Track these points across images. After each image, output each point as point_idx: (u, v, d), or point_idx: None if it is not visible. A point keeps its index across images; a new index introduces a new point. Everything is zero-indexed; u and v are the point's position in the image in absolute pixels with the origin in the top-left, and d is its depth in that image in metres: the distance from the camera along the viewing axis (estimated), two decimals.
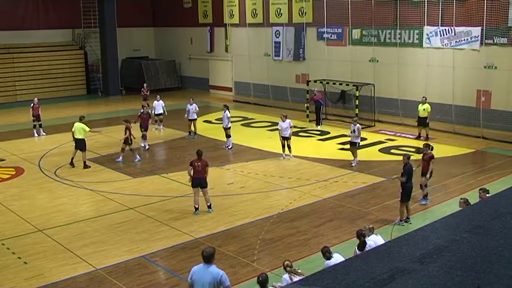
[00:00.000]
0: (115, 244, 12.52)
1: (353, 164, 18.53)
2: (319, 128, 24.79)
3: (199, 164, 14.15)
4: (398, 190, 13.60)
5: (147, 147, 21.40)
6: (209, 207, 14.50)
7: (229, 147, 21.09)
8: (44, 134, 23.94)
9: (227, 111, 21.08)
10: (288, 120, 19.45)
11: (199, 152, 14.41)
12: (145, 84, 30.38)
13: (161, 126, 24.71)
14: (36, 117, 23.80)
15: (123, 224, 13.73)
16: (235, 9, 33.33)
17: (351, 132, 18.72)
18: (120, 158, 19.61)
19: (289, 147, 19.57)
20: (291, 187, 16.49)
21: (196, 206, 14.33)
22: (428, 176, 14.62)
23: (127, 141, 19.40)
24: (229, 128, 21.17)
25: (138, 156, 19.76)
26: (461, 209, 10.02)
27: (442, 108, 23.62)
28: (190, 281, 8.02)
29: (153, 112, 24.07)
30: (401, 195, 13.40)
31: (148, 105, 24.49)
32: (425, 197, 14.84)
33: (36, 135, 23.79)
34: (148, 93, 29.06)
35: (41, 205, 15.28)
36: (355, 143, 18.79)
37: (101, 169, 18.88)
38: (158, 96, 25.46)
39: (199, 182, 14.17)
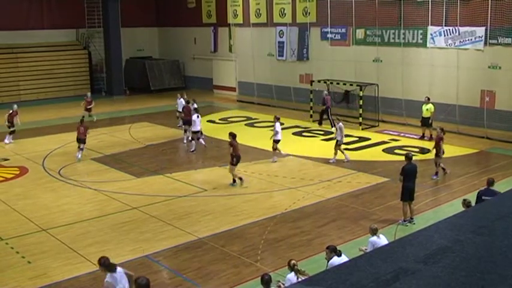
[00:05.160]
0: (118, 244, 12.54)
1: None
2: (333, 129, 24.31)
3: (235, 142, 16.65)
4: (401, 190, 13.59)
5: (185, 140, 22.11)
6: (240, 179, 16.68)
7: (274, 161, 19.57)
8: (12, 141, 22.58)
9: (277, 123, 19.73)
10: (339, 124, 19.11)
11: (233, 133, 16.90)
12: (88, 94, 28.43)
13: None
14: (11, 124, 22.65)
15: (126, 224, 13.75)
16: (239, 9, 33.33)
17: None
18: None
19: (335, 150, 19.01)
20: (295, 187, 16.49)
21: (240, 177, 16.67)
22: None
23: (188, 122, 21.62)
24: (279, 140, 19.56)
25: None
26: (464, 209, 10.00)
27: (446, 109, 23.58)
28: None
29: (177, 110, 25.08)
30: (401, 194, 13.46)
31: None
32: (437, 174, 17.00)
33: (7, 141, 22.54)
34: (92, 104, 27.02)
35: (45, 205, 15.32)
36: None
37: (105, 169, 18.91)
38: (179, 94, 25.30)
39: (239, 158, 16.71)
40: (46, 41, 35.25)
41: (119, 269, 8.52)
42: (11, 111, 23.03)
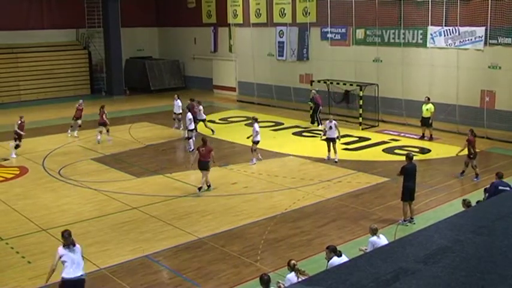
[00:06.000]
0: (119, 244, 12.54)
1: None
2: (320, 127, 24.47)
3: (203, 149, 16.02)
4: (401, 190, 13.58)
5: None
6: (208, 186, 16.11)
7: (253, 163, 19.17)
8: (15, 156, 20.46)
9: (255, 124, 19.33)
10: (333, 122, 19.11)
11: (205, 139, 16.59)
12: (80, 100, 24.95)
13: (181, 125, 24.53)
14: (19, 137, 20.74)
15: (126, 224, 13.74)
16: (239, 9, 33.33)
17: None
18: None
19: (334, 150, 19.08)
20: (295, 187, 16.49)
21: (200, 186, 16.05)
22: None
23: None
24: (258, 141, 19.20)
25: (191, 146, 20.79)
26: (464, 209, 10.00)
27: (446, 109, 23.58)
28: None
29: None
30: (401, 194, 13.48)
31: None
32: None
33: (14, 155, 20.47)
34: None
35: (45, 205, 15.32)
36: None
37: (105, 169, 18.91)
38: (176, 96, 25.20)
39: (202, 164, 15.91)
40: (46, 41, 35.24)
41: (76, 246, 9.57)
42: (19, 121, 20.99)
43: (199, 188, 15.96)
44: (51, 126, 25.95)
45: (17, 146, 20.69)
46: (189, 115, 21.24)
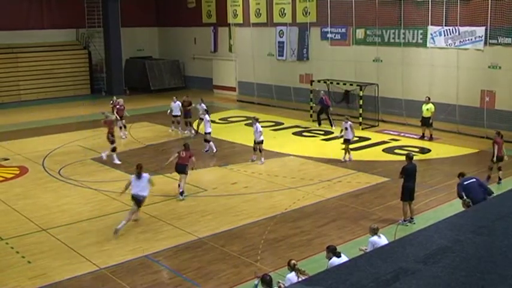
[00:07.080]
0: (119, 244, 12.54)
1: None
2: (333, 129, 24.09)
3: (184, 153, 15.78)
4: (401, 190, 13.57)
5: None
6: (181, 193, 15.51)
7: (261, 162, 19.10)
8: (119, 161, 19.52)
9: (257, 124, 19.17)
10: (349, 123, 19.16)
11: (187, 145, 16.23)
12: (120, 100, 24.75)
13: (179, 128, 24.47)
14: (111, 134, 19.63)
15: (126, 224, 13.72)
16: (239, 9, 33.33)
17: None
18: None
19: (347, 150, 19.15)
20: (295, 187, 16.48)
21: (181, 190, 15.63)
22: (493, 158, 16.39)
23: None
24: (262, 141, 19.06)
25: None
26: (464, 209, 9.99)
27: (446, 108, 23.58)
28: None
29: (169, 112, 24.44)
30: (401, 194, 13.48)
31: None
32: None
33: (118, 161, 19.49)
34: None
35: (45, 204, 15.32)
36: None
37: (105, 169, 18.90)
38: (174, 97, 24.96)
39: (180, 168, 15.65)
40: (46, 41, 35.22)
41: (144, 175, 13.60)
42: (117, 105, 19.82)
43: (181, 193, 15.53)
44: (51, 126, 25.95)
45: (114, 149, 19.42)
46: (207, 117, 21.06)
